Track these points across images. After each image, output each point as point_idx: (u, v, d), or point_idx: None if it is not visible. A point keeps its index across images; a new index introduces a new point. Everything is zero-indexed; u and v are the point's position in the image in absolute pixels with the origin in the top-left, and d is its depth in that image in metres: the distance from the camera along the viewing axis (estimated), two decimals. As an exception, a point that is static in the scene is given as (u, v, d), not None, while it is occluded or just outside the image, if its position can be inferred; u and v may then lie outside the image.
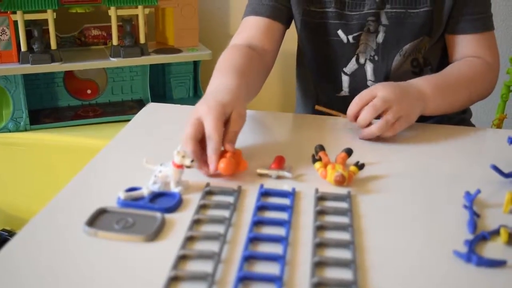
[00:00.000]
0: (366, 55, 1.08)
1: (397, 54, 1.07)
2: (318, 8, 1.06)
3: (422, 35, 1.06)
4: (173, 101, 1.74)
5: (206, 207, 0.67)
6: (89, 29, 1.69)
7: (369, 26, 1.05)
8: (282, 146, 0.86)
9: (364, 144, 0.88)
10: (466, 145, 0.91)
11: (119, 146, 0.87)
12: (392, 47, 1.06)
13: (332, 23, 1.06)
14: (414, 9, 1.04)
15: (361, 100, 0.88)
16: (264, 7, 1.07)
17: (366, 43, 1.07)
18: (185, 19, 1.67)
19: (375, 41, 1.06)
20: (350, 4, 1.05)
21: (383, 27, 1.05)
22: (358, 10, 1.05)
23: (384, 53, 1.07)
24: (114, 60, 1.57)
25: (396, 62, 1.07)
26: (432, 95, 0.94)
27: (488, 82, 1.08)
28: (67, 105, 1.67)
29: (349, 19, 1.05)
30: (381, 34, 1.05)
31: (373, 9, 1.04)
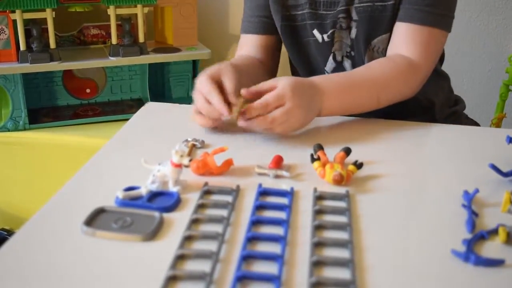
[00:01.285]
0: (342, 52, 1.09)
1: (367, 49, 1.06)
2: (295, 12, 1.09)
3: (389, 31, 1.04)
4: (172, 100, 1.74)
5: (204, 206, 0.67)
6: (88, 28, 1.69)
7: (341, 23, 1.06)
8: (281, 146, 0.86)
9: (363, 143, 0.88)
10: (465, 144, 0.91)
11: (117, 146, 0.87)
12: (364, 42, 1.06)
13: (309, 23, 1.08)
14: (381, 3, 1.03)
15: (260, 87, 0.86)
16: (252, 25, 1.14)
17: (341, 40, 1.08)
18: (184, 18, 1.66)
19: (349, 37, 1.07)
20: (324, 4, 1.07)
21: (355, 22, 1.05)
22: (332, 9, 1.06)
23: (359, 48, 1.07)
24: (113, 59, 1.57)
25: (367, 58, 1.07)
26: (330, 95, 0.91)
27: (407, 84, 1.00)
28: (66, 104, 1.67)
29: (323, 18, 1.07)
30: (353, 30, 1.06)
31: (344, 6, 1.04)
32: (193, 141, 0.86)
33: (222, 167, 0.75)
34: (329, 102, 0.90)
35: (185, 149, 0.71)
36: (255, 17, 1.13)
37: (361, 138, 0.91)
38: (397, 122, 0.99)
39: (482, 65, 1.84)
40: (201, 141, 0.86)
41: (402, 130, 0.94)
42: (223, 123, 0.89)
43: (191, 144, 0.85)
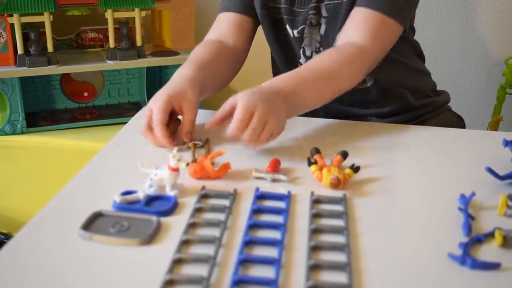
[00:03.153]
0: (311, 48, 1.11)
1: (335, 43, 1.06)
2: (273, 4, 1.11)
3: None
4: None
5: (202, 210, 0.67)
6: (86, 31, 1.69)
7: (311, 19, 1.08)
8: (278, 149, 0.86)
9: (360, 146, 0.88)
10: (462, 147, 0.91)
11: (114, 150, 0.87)
12: (333, 38, 1.06)
13: (284, 18, 1.11)
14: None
15: (223, 111, 0.85)
16: (233, 3, 1.14)
17: (311, 36, 1.10)
18: (182, 22, 1.67)
19: (318, 34, 1.09)
20: (298, 2, 1.09)
21: (324, 19, 1.08)
22: (305, 7, 1.09)
23: (329, 44, 1.07)
24: (111, 63, 1.57)
25: None
26: (288, 95, 0.89)
27: (356, 69, 1.00)
28: (64, 107, 1.67)
29: (296, 15, 1.10)
30: (323, 26, 1.08)
31: (314, 3, 1.07)
32: (194, 141, 0.86)
33: (219, 171, 0.75)
34: (289, 101, 0.88)
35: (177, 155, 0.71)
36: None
37: (358, 142, 0.91)
38: (393, 126, 0.99)
39: (480, 68, 1.85)
40: (205, 139, 0.86)
41: (398, 133, 0.95)
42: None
43: (192, 144, 0.85)
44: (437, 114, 1.16)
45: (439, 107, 1.19)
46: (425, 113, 1.15)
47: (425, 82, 1.20)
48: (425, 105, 1.16)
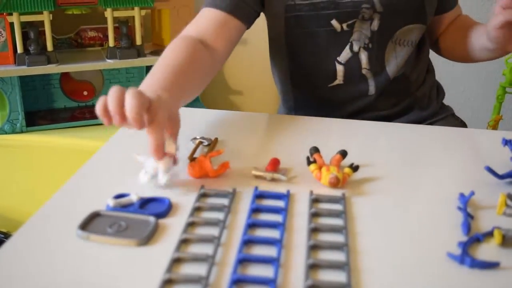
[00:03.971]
0: (360, 43, 1.06)
1: (390, 42, 1.07)
2: (304, 0, 1.03)
3: (415, 22, 1.07)
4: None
5: (201, 209, 0.67)
6: (86, 30, 1.69)
7: (364, 13, 1.04)
8: (278, 148, 0.86)
9: (359, 145, 0.88)
10: (461, 146, 0.91)
11: (112, 149, 0.87)
12: (386, 35, 1.06)
13: (324, 13, 1.04)
14: None
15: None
16: (225, 1, 1.01)
17: (360, 31, 1.06)
18: (181, 21, 1.66)
19: (369, 29, 1.05)
20: None
21: (378, 14, 1.04)
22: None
23: (379, 41, 1.06)
24: (111, 62, 1.57)
25: (388, 49, 1.07)
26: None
27: None
28: (63, 106, 1.67)
29: (343, 7, 1.03)
30: (375, 22, 1.05)
31: None
32: (201, 139, 0.86)
33: (219, 170, 0.75)
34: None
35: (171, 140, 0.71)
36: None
37: (357, 141, 0.91)
38: (393, 125, 0.99)
39: (480, 67, 1.85)
40: (214, 138, 0.86)
41: (398, 132, 0.95)
42: None
43: (198, 142, 0.85)
44: (440, 119, 1.16)
45: (443, 111, 1.19)
46: (429, 116, 1.15)
47: (431, 80, 1.21)
48: (429, 107, 1.17)
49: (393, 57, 1.08)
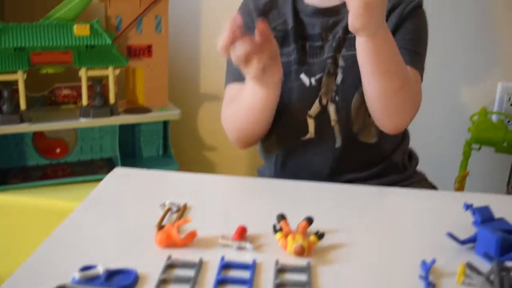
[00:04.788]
0: (327, 96, 1.13)
1: (356, 93, 1.11)
2: (283, 59, 1.09)
3: None
4: (143, 159, 1.75)
5: (167, 282, 0.67)
6: (60, 88, 1.70)
7: (329, 69, 1.11)
8: (247, 214, 0.88)
9: (328, 210, 0.90)
10: (428, 210, 0.93)
11: (84, 214, 0.87)
12: (350, 87, 1.11)
13: (296, 68, 1.13)
14: None
15: None
16: (239, 72, 1.08)
17: (327, 85, 1.12)
18: (155, 79, 1.69)
19: (334, 83, 1.12)
20: (310, 53, 1.13)
21: (341, 68, 1.11)
22: (319, 56, 1.13)
23: (344, 93, 1.12)
24: (84, 121, 1.58)
25: (355, 101, 1.12)
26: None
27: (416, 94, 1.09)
28: (36, 164, 1.67)
29: (311, 64, 1.13)
30: (339, 76, 1.11)
31: (331, 53, 1.11)
32: (170, 205, 0.87)
33: (186, 239, 0.76)
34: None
35: None
36: None
37: (326, 205, 0.93)
38: (361, 187, 1.01)
39: (446, 124, 1.91)
40: (182, 204, 0.87)
41: (366, 195, 0.97)
42: None
43: (167, 208, 0.86)
44: (412, 183, 1.19)
45: (415, 174, 1.22)
46: (401, 180, 1.18)
47: (407, 142, 1.25)
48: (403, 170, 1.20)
49: (360, 109, 1.11)
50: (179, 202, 0.89)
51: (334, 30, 1.13)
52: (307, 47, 1.14)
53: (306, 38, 1.14)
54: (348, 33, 1.10)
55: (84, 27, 1.49)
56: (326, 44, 1.13)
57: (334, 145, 1.13)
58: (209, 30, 1.90)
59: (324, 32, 1.14)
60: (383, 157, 1.18)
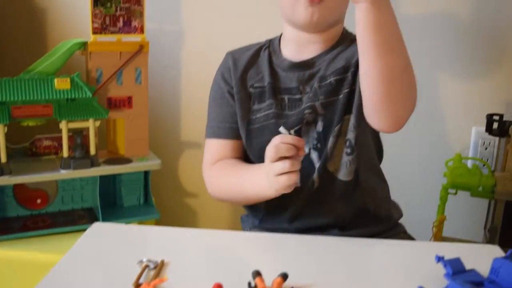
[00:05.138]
0: (309, 145, 1.16)
1: (331, 136, 1.14)
2: (259, 114, 1.18)
3: (346, 114, 1.14)
4: (124, 208, 1.76)
5: None
6: (41, 139, 1.72)
7: (307, 118, 1.14)
8: (224, 269, 0.89)
9: (303, 263, 0.92)
10: (400, 261, 0.95)
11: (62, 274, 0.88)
12: (329, 132, 1.14)
13: (274, 122, 1.16)
14: (341, 92, 1.14)
15: None
16: (222, 130, 1.22)
17: (308, 134, 1.15)
18: (136, 130, 1.71)
19: (315, 130, 1.15)
20: (288, 106, 1.17)
21: (320, 116, 1.14)
22: (296, 109, 1.16)
23: (325, 139, 1.15)
24: (64, 172, 1.59)
25: (331, 145, 1.14)
26: None
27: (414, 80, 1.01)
28: (16, 215, 1.66)
29: (289, 117, 1.16)
30: (319, 123, 1.14)
31: (309, 103, 1.14)
32: (147, 262, 0.88)
33: (162, 299, 0.77)
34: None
35: None
36: (225, 123, 1.22)
37: (301, 258, 0.94)
38: (336, 240, 1.03)
39: (422, 170, 1.94)
40: (160, 261, 0.88)
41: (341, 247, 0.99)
42: None
43: (144, 265, 0.87)
44: (391, 235, 1.21)
45: (395, 227, 1.24)
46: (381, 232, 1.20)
47: (385, 190, 1.27)
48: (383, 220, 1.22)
49: (334, 151, 1.14)
50: (156, 259, 0.90)
51: (310, 82, 1.17)
52: (286, 100, 1.18)
53: (284, 92, 1.18)
54: (323, 81, 1.15)
55: (65, 81, 1.51)
56: (304, 96, 1.17)
57: (313, 186, 1.15)
58: (189, 79, 1.94)
59: (301, 85, 1.18)
60: (362, 202, 1.19)
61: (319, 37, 1.19)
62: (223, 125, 1.22)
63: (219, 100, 1.24)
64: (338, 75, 1.15)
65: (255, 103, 1.19)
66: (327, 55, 1.19)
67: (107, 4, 1.56)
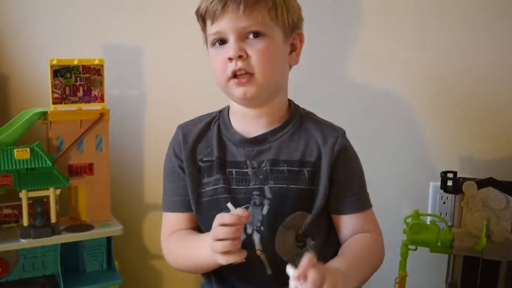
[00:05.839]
0: (253, 226, 1.17)
1: (280, 226, 1.16)
2: (208, 188, 1.20)
3: (300, 209, 1.17)
4: (86, 274, 1.75)
5: None
6: (1, 208, 1.71)
7: (255, 199, 1.16)
8: None
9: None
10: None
11: None
12: (276, 219, 1.16)
13: (223, 197, 1.18)
14: (295, 185, 1.16)
15: None
16: (174, 203, 1.26)
17: (253, 215, 1.16)
18: (97, 196, 1.72)
19: (260, 213, 1.16)
20: (236, 180, 1.18)
21: (267, 200, 1.16)
22: (245, 185, 1.17)
23: (269, 224, 1.16)
24: (24, 241, 1.58)
25: (279, 234, 1.16)
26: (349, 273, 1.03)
27: (379, 254, 1.21)
28: (-25, 286, 1.64)
29: (237, 193, 1.18)
30: (265, 207, 1.16)
31: (258, 184, 1.16)
32: None
33: None
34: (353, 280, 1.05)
35: None
36: (178, 197, 1.25)
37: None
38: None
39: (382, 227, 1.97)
40: None
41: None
42: None
43: None
44: None
45: None
46: None
47: None
48: None
49: (284, 241, 1.16)
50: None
51: (258, 158, 1.19)
52: (234, 173, 1.20)
53: (231, 165, 1.20)
54: (275, 166, 1.17)
55: (25, 151, 1.52)
56: (250, 170, 1.19)
57: (266, 272, 1.17)
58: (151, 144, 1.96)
59: (248, 159, 1.20)
60: None
61: (262, 110, 1.21)
62: (177, 198, 1.25)
63: (171, 176, 1.27)
64: (291, 167, 1.17)
65: (204, 177, 1.22)
66: (279, 133, 1.21)
67: (67, 75, 1.59)
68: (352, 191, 1.20)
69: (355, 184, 1.22)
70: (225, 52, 1.11)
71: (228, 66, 1.12)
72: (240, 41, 1.10)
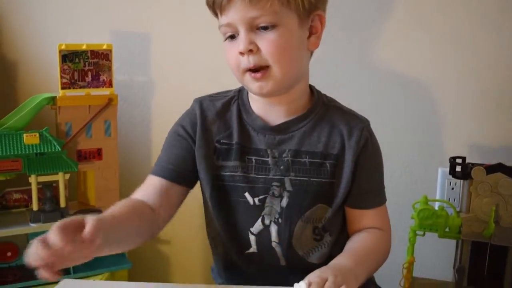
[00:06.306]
0: (271, 217, 1.14)
1: (299, 220, 1.14)
2: (224, 172, 1.14)
3: (321, 202, 1.15)
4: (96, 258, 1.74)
5: None
6: (11, 193, 1.72)
7: (274, 190, 1.13)
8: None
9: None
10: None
11: None
12: (295, 212, 1.14)
13: (240, 185, 1.14)
14: (316, 178, 1.13)
15: None
16: (165, 170, 1.15)
17: (271, 206, 1.13)
18: (106, 181, 1.73)
19: (279, 205, 1.13)
20: (255, 168, 1.13)
21: (287, 192, 1.13)
22: (264, 174, 1.13)
23: (287, 217, 1.14)
24: (34, 226, 1.59)
25: (298, 227, 1.14)
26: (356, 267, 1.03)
27: (386, 252, 1.20)
28: (-14, 269, 1.66)
29: (255, 182, 1.13)
30: (285, 199, 1.13)
31: (278, 175, 1.13)
32: None
33: None
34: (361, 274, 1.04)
35: None
36: (170, 164, 1.15)
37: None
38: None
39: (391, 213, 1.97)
40: None
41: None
42: None
43: None
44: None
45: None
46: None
47: None
48: None
49: (301, 235, 1.15)
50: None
51: (279, 147, 1.14)
52: (253, 161, 1.14)
53: (252, 152, 1.15)
54: (296, 157, 1.13)
55: (34, 135, 1.53)
56: (272, 160, 1.14)
57: (279, 263, 1.16)
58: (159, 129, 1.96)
59: (269, 148, 1.14)
60: None
61: (282, 98, 1.14)
62: (168, 166, 1.16)
63: (173, 141, 1.19)
64: (313, 159, 1.14)
65: (219, 159, 1.16)
66: (301, 122, 1.16)
67: (76, 60, 1.59)
68: (374, 186, 1.19)
69: (377, 179, 1.21)
70: (237, 45, 1.06)
71: (241, 60, 1.07)
72: (250, 33, 1.04)
